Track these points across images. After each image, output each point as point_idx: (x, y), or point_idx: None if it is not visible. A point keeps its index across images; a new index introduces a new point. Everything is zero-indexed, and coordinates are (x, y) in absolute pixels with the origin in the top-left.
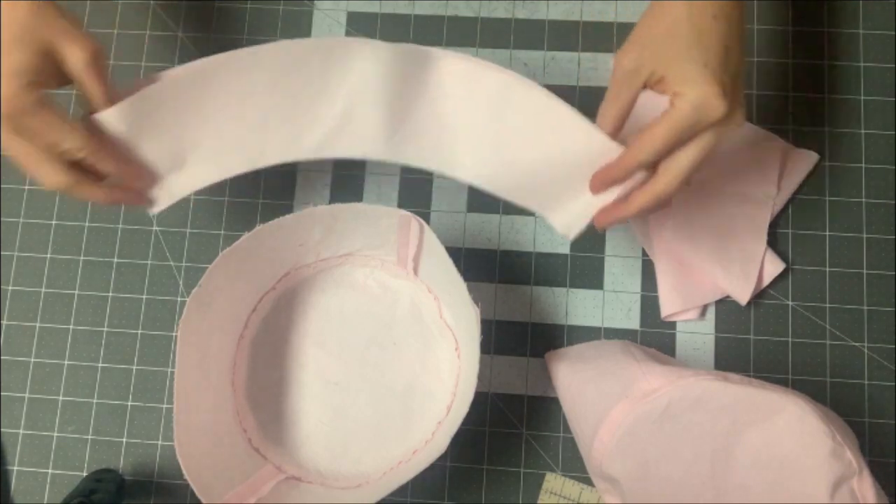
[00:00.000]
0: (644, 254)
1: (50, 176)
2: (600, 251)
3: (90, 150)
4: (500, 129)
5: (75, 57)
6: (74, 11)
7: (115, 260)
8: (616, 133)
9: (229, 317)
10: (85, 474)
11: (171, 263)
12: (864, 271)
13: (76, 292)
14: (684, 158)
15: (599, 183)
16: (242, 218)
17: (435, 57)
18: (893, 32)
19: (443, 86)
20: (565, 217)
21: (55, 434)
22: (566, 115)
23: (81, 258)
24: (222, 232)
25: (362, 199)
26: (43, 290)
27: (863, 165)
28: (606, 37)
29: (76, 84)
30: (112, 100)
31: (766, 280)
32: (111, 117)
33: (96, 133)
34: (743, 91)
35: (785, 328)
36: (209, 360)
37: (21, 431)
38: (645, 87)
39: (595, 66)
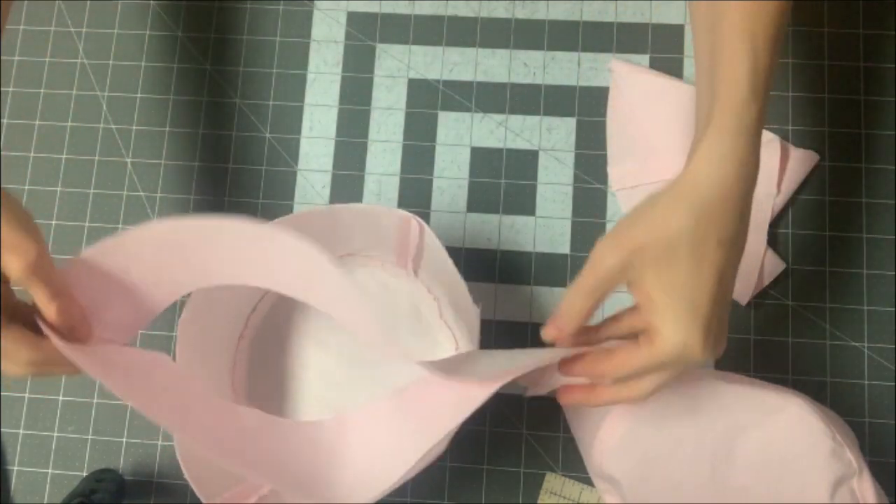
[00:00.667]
0: None
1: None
2: None
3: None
4: None
5: (11, 266)
6: (22, 206)
7: None
8: (581, 325)
9: (229, 317)
10: (85, 474)
11: None
12: (864, 271)
13: None
14: (652, 384)
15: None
16: None
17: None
18: (893, 32)
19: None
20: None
21: (55, 434)
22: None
23: None
24: None
25: (362, 198)
26: None
27: (863, 165)
28: (606, 37)
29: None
30: (56, 297)
31: (766, 280)
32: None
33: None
34: (727, 321)
35: (785, 328)
36: (209, 360)
37: (21, 431)
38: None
39: (595, 66)
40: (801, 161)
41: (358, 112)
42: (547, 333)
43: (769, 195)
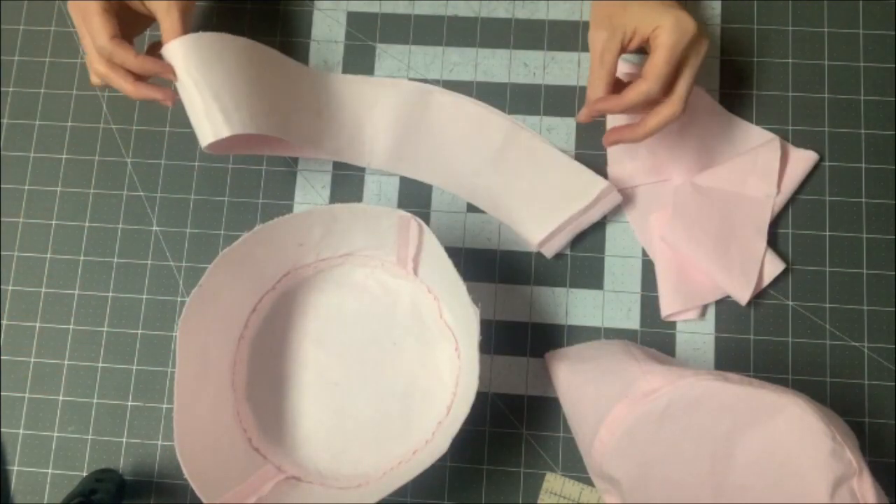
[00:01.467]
0: (644, 254)
1: (93, 64)
2: (600, 251)
3: (112, 47)
4: (476, 149)
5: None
6: None
7: (115, 260)
8: (609, 94)
9: (229, 317)
10: (85, 474)
11: (171, 263)
12: (864, 271)
13: (76, 292)
14: (682, 81)
15: (605, 112)
16: (242, 218)
17: (430, 91)
18: (893, 32)
19: (434, 114)
20: (536, 230)
21: (55, 434)
22: (550, 153)
23: (81, 258)
24: (222, 232)
25: (362, 199)
26: (43, 290)
27: (863, 165)
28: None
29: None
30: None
31: (766, 280)
32: (173, 47)
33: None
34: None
35: (785, 328)
36: (209, 360)
37: (21, 431)
38: (622, 50)
39: None
40: (801, 161)
41: None
42: (582, 116)
43: (769, 195)
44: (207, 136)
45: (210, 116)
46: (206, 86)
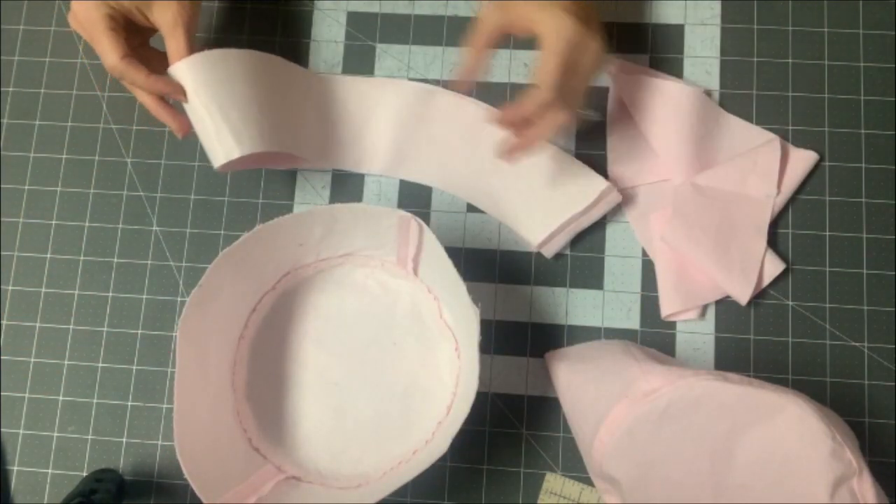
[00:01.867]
0: (644, 254)
1: (108, 56)
2: (600, 251)
3: (123, 67)
4: (476, 150)
5: (161, 19)
6: None
7: (115, 260)
8: (478, 60)
9: (229, 317)
10: (85, 474)
11: (171, 263)
12: (864, 271)
13: (76, 292)
14: (553, 75)
15: (509, 123)
16: (242, 218)
17: (431, 92)
18: (893, 32)
19: (435, 114)
20: (536, 230)
21: (55, 434)
22: (550, 153)
23: (81, 258)
24: (222, 232)
25: (362, 199)
26: (43, 290)
27: (863, 165)
28: (607, 37)
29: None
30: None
31: (766, 280)
32: (179, 69)
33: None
34: (592, 18)
35: (785, 328)
36: (209, 360)
37: (21, 431)
38: (509, 32)
39: None
40: (801, 161)
41: None
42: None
43: (769, 195)
44: (219, 158)
45: (221, 137)
46: (216, 106)
